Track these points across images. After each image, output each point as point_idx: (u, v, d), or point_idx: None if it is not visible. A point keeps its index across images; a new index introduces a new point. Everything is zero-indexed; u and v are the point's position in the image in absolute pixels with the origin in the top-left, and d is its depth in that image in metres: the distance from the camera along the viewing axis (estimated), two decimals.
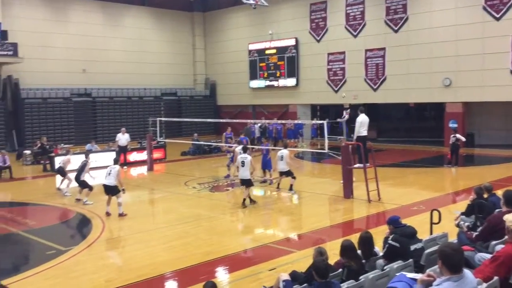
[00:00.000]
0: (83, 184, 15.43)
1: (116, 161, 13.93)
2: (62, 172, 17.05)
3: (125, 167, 22.41)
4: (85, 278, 8.73)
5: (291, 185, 15.63)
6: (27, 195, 17.06)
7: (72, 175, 16.40)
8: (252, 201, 14.12)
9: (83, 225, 13.06)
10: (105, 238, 11.40)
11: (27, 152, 24.81)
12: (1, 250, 10.40)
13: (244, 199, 13.99)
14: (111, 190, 13.31)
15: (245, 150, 14.86)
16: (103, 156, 23.09)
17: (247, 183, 14.10)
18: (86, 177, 15.59)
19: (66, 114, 30.97)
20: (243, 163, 14.03)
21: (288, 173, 15.70)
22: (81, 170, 15.52)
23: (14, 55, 28.12)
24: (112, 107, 33.33)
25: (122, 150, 23.05)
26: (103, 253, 10.37)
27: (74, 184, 16.06)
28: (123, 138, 22.95)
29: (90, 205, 14.63)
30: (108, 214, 13.22)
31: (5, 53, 27.90)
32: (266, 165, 17.84)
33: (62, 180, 17.14)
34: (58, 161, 18.77)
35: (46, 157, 22.63)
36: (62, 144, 25.63)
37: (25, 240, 11.59)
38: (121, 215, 13.12)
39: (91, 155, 18.15)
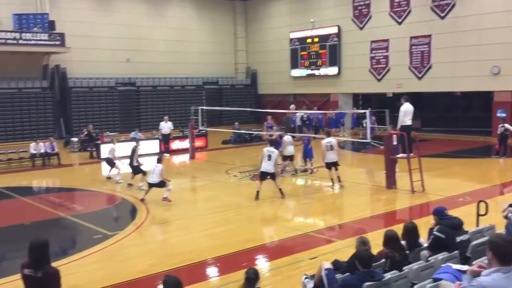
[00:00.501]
0: (136, 169, 15.82)
1: (159, 160, 13.95)
2: (110, 162, 17.47)
3: (167, 154, 22.87)
4: (130, 262, 8.98)
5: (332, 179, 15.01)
6: (74, 181, 17.65)
7: (120, 164, 16.87)
8: (257, 196, 13.50)
9: (128, 211, 13.40)
10: (149, 224, 11.67)
11: (74, 139, 25.59)
12: (50, 233, 10.78)
13: (280, 189, 13.70)
14: (156, 186, 13.48)
15: (272, 143, 14.59)
16: (147, 144, 23.58)
17: (272, 176, 13.65)
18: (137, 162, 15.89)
19: (111, 103, 31.73)
20: (269, 157, 13.50)
21: (336, 164, 14.95)
22: (132, 155, 15.87)
23: (61, 45, 28.92)
24: (156, 96, 33.89)
25: (165, 138, 23.51)
26: (147, 238, 10.63)
27: (124, 170, 16.49)
28: (165, 126, 23.40)
29: (131, 192, 15.02)
30: (142, 200, 13.45)
31: (53, 43, 28.73)
32: (307, 155, 17.75)
33: (111, 170, 17.55)
34: (105, 151, 19.24)
35: (92, 145, 23.28)
36: (107, 132, 26.28)
37: (73, 224, 12.00)
38: (165, 199, 13.30)
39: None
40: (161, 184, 13.49)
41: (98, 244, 9.96)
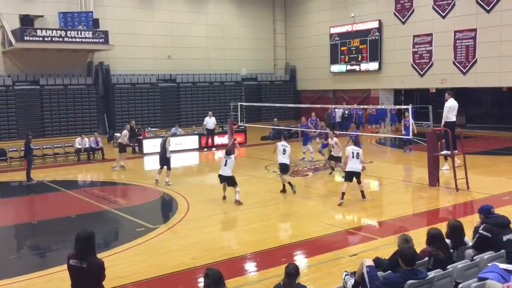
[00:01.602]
0: (165, 161, 15.59)
1: (229, 152, 13.39)
2: (122, 148, 18.83)
3: (213, 149, 23.26)
4: (172, 255, 9.13)
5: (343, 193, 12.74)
6: (117, 175, 18.08)
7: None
8: (292, 186, 13.68)
9: (169, 205, 13.65)
10: (189, 218, 11.82)
11: (117, 134, 26.12)
12: (94, 226, 11.07)
13: (284, 185, 13.92)
14: (227, 180, 13.15)
15: (285, 138, 14.81)
16: (187, 139, 23.95)
17: (286, 169, 13.97)
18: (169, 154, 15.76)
19: (153, 99, 32.31)
20: (284, 151, 13.85)
21: (358, 176, 12.88)
22: (164, 147, 15.73)
23: (105, 43, 29.62)
24: (195, 92, 34.26)
25: (210, 133, 23.86)
26: (188, 232, 10.77)
27: (152, 166, 16.82)
28: (210, 121, 23.76)
29: (171, 186, 15.23)
30: (224, 198, 13.29)
31: (97, 40, 29.45)
32: None
33: (119, 157, 19.01)
34: (147, 146, 20.02)
35: (135, 140, 23.71)
36: (149, 128, 26.76)
37: (116, 217, 12.30)
38: (237, 201, 12.86)
39: (174, 138, 18.91)
40: (233, 180, 13.08)
41: (141, 237, 10.18)
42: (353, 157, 12.63)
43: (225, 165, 13.17)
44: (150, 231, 10.60)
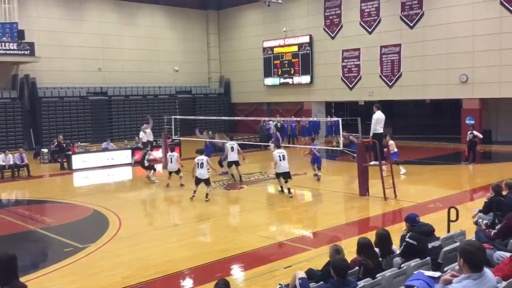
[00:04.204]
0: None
1: (173, 149, 17.59)
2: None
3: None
4: (102, 275, 8.80)
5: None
6: (44, 193, 17.27)
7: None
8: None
9: (100, 223, 13.14)
10: (121, 235, 11.47)
11: (44, 150, 25.09)
12: (19, 247, 10.51)
13: (207, 194, 14.68)
14: (175, 172, 17.13)
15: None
16: (119, 154, 23.33)
17: (206, 181, 14.90)
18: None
19: (83, 113, 31.27)
20: (202, 165, 14.93)
21: (288, 175, 15.22)
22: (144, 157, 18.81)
23: (31, 55, 28.44)
24: (128, 105, 33.54)
25: (146, 147, 23.30)
26: (120, 250, 10.45)
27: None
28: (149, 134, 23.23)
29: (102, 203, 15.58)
30: (168, 185, 16.98)
31: (22, 52, 28.23)
32: (316, 161, 17.72)
33: None
34: (77, 161, 19.62)
35: (63, 155, 22.86)
36: (79, 142, 25.88)
37: (43, 237, 11.73)
38: (182, 185, 16.86)
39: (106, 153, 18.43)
40: (178, 171, 17.03)
41: (69, 257, 9.75)
42: (280, 160, 14.84)
43: (171, 162, 17.07)
44: (79, 251, 10.18)
